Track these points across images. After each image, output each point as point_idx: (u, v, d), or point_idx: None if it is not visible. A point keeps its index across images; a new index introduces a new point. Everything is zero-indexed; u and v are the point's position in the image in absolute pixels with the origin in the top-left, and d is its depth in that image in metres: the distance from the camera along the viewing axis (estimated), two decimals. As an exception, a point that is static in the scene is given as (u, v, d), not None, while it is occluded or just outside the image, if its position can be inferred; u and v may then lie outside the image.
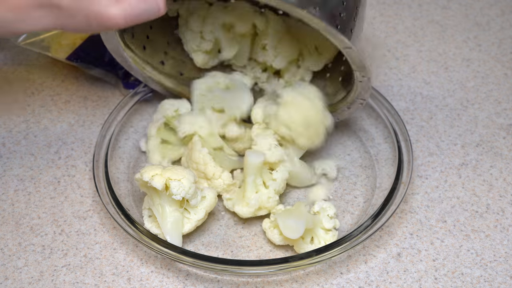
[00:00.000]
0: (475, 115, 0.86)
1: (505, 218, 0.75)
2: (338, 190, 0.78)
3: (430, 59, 0.95)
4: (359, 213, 0.75)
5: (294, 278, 0.69)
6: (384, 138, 0.80)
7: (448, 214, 0.75)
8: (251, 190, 0.71)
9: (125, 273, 0.70)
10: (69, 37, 0.90)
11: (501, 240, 0.73)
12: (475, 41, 0.97)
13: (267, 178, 0.72)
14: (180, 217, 0.70)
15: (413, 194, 0.77)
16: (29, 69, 0.93)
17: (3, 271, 0.70)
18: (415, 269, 0.70)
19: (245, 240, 0.73)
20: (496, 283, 0.69)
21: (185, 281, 0.69)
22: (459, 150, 0.82)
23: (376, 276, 0.69)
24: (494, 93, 0.89)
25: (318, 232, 0.70)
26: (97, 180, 0.73)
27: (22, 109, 0.87)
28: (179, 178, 0.68)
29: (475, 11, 1.02)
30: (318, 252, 0.66)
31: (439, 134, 0.84)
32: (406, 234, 0.73)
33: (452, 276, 0.69)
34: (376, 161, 0.79)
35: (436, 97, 0.89)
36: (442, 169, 0.80)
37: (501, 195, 0.77)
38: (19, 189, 0.78)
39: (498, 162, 0.80)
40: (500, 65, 0.93)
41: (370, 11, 1.02)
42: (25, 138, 0.84)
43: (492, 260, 0.71)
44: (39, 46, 0.90)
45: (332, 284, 0.69)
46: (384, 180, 0.76)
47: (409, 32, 0.99)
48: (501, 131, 0.84)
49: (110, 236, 0.73)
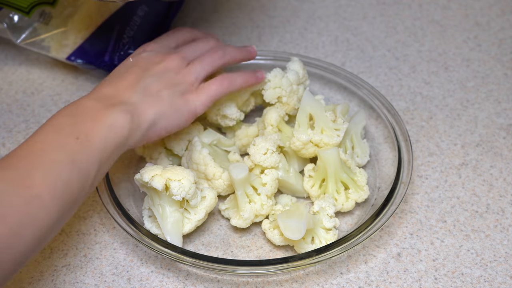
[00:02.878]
0: (475, 115, 0.86)
1: (505, 218, 0.75)
2: (338, 190, 0.78)
3: (430, 59, 0.95)
4: (359, 213, 0.75)
5: (294, 278, 0.69)
6: (384, 138, 0.80)
7: (448, 214, 0.75)
8: (243, 201, 0.71)
9: (125, 273, 0.70)
10: (69, 37, 0.90)
11: (501, 240, 0.73)
12: (475, 41, 0.97)
13: (257, 183, 0.72)
14: (180, 217, 0.70)
15: (413, 194, 0.77)
16: (29, 69, 0.93)
17: (3, 271, 0.70)
18: (415, 269, 0.70)
19: (245, 240, 0.73)
20: (496, 283, 0.69)
21: (185, 281, 0.69)
22: (459, 150, 0.82)
23: (376, 276, 0.69)
24: (494, 93, 0.89)
25: (319, 231, 0.70)
26: (97, 180, 0.73)
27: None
28: (179, 178, 0.68)
29: (475, 11, 1.02)
30: (318, 252, 0.66)
31: (439, 134, 0.84)
32: (406, 234, 0.73)
33: (452, 276, 0.69)
34: (376, 161, 0.79)
35: (436, 97, 0.89)
36: (442, 169, 0.80)
37: (501, 195, 0.77)
38: (19, 189, 0.78)
39: (498, 162, 0.81)
40: (500, 65, 0.93)
41: (370, 11, 1.02)
42: (25, 138, 0.84)
43: (492, 260, 0.71)
44: (39, 46, 0.90)
45: (332, 284, 0.69)
46: (384, 180, 0.76)
47: (409, 32, 0.99)
48: (501, 131, 0.84)
49: (110, 236, 0.73)
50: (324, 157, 0.72)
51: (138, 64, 0.72)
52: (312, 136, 0.73)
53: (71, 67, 0.92)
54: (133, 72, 0.71)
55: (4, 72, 0.93)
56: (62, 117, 0.64)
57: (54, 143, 0.61)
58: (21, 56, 0.94)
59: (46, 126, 0.63)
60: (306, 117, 0.74)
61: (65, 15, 0.90)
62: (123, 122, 0.65)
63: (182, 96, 0.71)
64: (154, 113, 0.68)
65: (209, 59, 0.75)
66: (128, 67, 0.72)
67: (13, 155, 0.60)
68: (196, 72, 0.73)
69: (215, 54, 0.76)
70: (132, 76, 0.70)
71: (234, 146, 0.79)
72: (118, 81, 0.70)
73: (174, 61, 0.73)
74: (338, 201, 0.73)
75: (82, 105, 0.66)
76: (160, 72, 0.72)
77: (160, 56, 0.74)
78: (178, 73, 0.73)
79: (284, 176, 0.74)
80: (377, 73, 0.92)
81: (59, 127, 0.63)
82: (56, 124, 0.64)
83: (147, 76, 0.71)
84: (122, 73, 0.71)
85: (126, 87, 0.69)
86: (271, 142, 0.73)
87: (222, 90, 0.74)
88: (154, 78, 0.71)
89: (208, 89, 0.73)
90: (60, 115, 0.65)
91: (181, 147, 0.77)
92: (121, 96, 0.68)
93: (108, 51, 0.89)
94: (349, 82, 0.84)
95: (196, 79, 0.73)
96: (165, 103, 0.70)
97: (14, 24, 0.89)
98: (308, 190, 0.75)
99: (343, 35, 0.98)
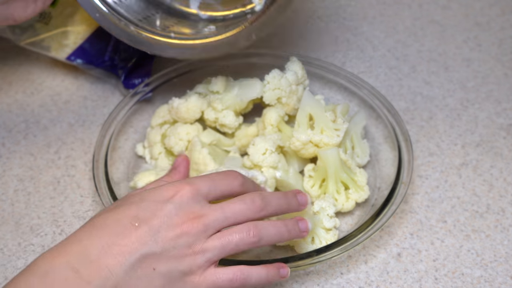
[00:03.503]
0: (475, 115, 0.86)
1: (505, 218, 0.75)
2: (338, 190, 0.78)
3: (430, 59, 0.94)
4: (359, 213, 0.75)
5: (294, 278, 0.69)
6: (384, 138, 0.80)
7: (448, 214, 0.75)
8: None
9: (125, 273, 0.70)
10: (69, 37, 0.90)
11: (501, 240, 0.73)
12: (475, 41, 0.97)
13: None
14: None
15: (413, 194, 0.77)
16: (29, 69, 0.93)
17: (3, 271, 0.70)
18: (415, 269, 0.70)
19: (245, 240, 0.73)
20: (496, 283, 0.69)
21: (185, 281, 0.69)
22: (459, 150, 0.82)
23: (376, 276, 0.69)
24: (494, 93, 0.89)
25: (319, 232, 0.70)
26: (97, 180, 0.73)
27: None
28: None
29: (475, 11, 1.02)
30: (318, 252, 0.66)
31: (439, 134, 0.84)
32: (406, 234, 0.73)
33: (452, 276, 0.69)
34: (376, 161, 0.79)
35: (436, 97, 0.89)
36: (443, 169, 0.80)
37: (501, 195, 0.77)
38: (18, 189, 0.78)
39: (498, 162, 0.80)
40: (500, 65, 0.93)
41: (370, 11, 1.02)
42: (24, 138, 0.84)
43: (492, 260, 0.71)
44: (39, 46, 0.90)
45: (332, 284, 0.69)
46: (384, 180, 0.76)
47: (409, 32, 0.99)
48: (501, 131, 0.84)
49: (110, 236, 0.73)
50: (324, 157, 0.72)
51: (150, 222, 0.57)
52: (311, 136, 0.73)
53: (71, 67, 0.92)
54: (138, 233, 0.56)
55: (4, 72, 0.93)
56: (28, 282, 0.54)
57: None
58: (21, 56, 0.94)
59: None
60: (306, 117, 0.74)
61: (65, 15, 0.90)
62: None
63: (182, 277, 0.57)
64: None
65: (237, 239, 0.59)
66: (135, 218, 0.57)
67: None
68: (212, 254, 0.58)
69: (249, 233, 0.59)
70: (131, 239, 0.56)
71: (234, 146, 0.79)
72: (111, 238, 0.56)
73: (193, 229, 0.57)
74: (338, 201, 0.73)
75: (56, 273, 0.54)
76: (170, 241, 0.57)
77: (181, 215, 0.57)
78: (190, 247, 0.57)
79: (283, 176, 0.74)
80: (377, 73, 0.92)
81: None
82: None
83: (150, 244, 0.56)
84: (123, 226, 0.57)
85: (117, 252, 0.55)
86: (270, 142, 0.73)
87: (232, 286, 0.59)
88: (158, 249, 0.56)
89: (216, 279, 0.58)
90: (27, 278, 0.54)
91: (181, 148, 0.77)
92: (105, 266, 0.54)
93: (108, 51, 0.89)
94: (349, 82, 0.84)
95: (206, 262, 0.58)
96: (157, 285, 0.56)
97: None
98: (308, 190, 0.75)
99: (343, 35, 0.98)
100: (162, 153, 0.78)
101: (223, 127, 0.79)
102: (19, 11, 0.70)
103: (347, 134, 0.77)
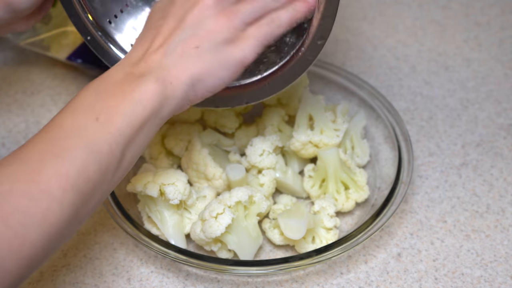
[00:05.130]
0: (475, 115, 0.86)
1: (505, 218, 0.75)
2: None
3: (430, 59, 0.94)
4: (359, 213, 0.75)
5: (294, 278, 0.69)
6: (384, 138, 0.80)
7: (448, 214, 0.75)
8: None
9: (125, 273, 0.70)
10: (69, 37, 0.90)
11: (501, 240, 0.73)
12: (475, 41, 0.97)
13: (255, 184, 0.72)
14: (180, 219, 0.70)
15: (413, 194, 0.77)
16: (29, 69, 0.93)
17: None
18: (415, 269, 0.70)
19: (245, 240, 0.73)
20: (496, 283, 0.69)
21: (185, 281, 0.69)
22: (459, 150, 0.82)
23: (376, 276, 0.69)
24: (494, 93, 0.89)
25: (319, 231, 0.70)
26: (97, 180, 0.73)
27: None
28: (172, 182, 0.68)
29: (475, 11, 1.02)
30: (318, 252, 0.66)
31: (439, 134, 0.84)
32: (406, 234, 0.73)
33: (452, 276, 0.69)
34: (376, 161, 0.79)
35: (436, 97, 0.89)
36: (443, 169, 0.80)
37: (501, 195, 0.77)
38: (19, 189, 0.78)
39: (498, 162, 0.80)
40: (500, 65, 0.93)
41: (370, 11, 1.02)
42: (25, 138, 0.84)
43: (492, 260, 0.71)
44: (39, 46, 0.90)
45: (332, 284, 0.69)
46: (384, 180, 0.76)
47: (409, 32, 0.99)
48: (501, 131, 0.84)
49: (110, 236, 0.73)
50: (324, 157, 0.72)
51: (172, 11, 0.61)
52: (311, 136, 0.73)
53: (71, 67, 0.92)
54: (166, 24, 0.60)
55: (4, 72, 0.93)
56: (84, 97, 0.57)
57: (70, 128, 0.55)
58: (21, 56, 0.94)
59: (66, 108, 0.57)
60: (305, 117, 0.74)
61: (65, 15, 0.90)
62: (151, 94, 0.57)
63: (226, 45, 0.60)
64: (190, 76, 0.59)
65: (261, 2, 0.61)
66: (160, 16, 0.62)
67: (24, 148, 0.54)
68: (244, 13, 0.61)
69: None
70: (163, 31, 0.60)
71: (234, 146, 0.79)
72: (148, 38, 0.61)
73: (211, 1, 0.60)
74: (338, 201, 0.73)
75: (108, 79, 0.58)
76: (197, 20, 0.60)
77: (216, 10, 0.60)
78: (220, 17, 0.60)
79: (282, 177, 0.74)
80: (377, 73, 0.92)
81: (78, 108, 0.56)
82: (76, 105, 0.57)
83: (182, 29, 0.60)
84: (153, 25, 0.62)
85: (157, 47, 0.60)
86: (268, 143, 0.73)
87: (272, 31, 0.61)
88: (190, 31, 0.60)
89: (258, 31, 0.61)
90: (83, 94, 0.58)
91: (181, 148, 0.77)
92: (151, 61, 0.59)
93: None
94: (349, 82, 0.84)
95: (242, 22, 0.60)
96: (205, 60, 0.59)
97: (14, 24, 0.89)
98: (308, 190, 0.75)
99: (343, 35, 0.98)
100: (162, 153, 0.78)
101: (223, 127, 0.79)
102: (22, 27, 0.71)
103: (347, 134, 0.77)
